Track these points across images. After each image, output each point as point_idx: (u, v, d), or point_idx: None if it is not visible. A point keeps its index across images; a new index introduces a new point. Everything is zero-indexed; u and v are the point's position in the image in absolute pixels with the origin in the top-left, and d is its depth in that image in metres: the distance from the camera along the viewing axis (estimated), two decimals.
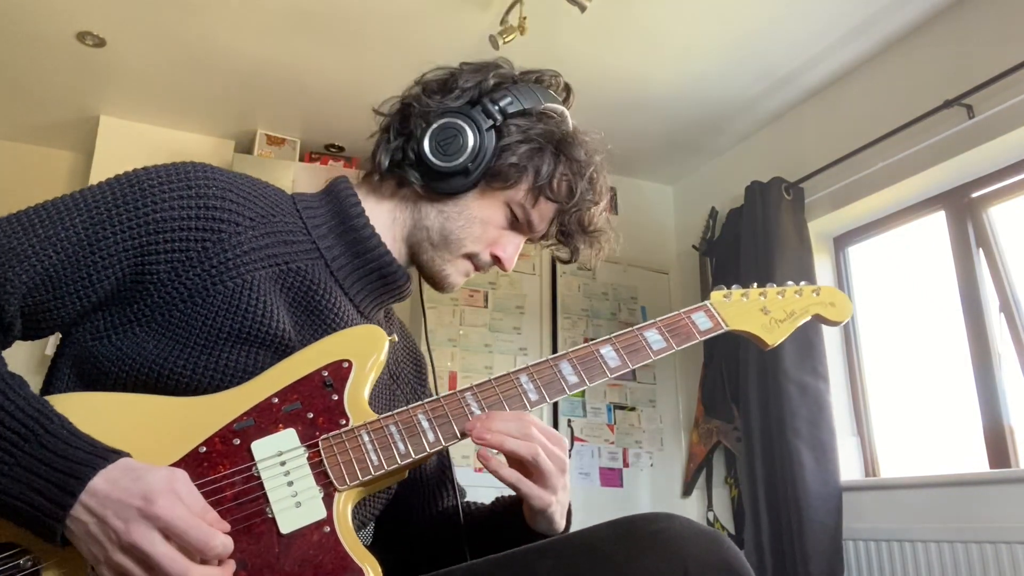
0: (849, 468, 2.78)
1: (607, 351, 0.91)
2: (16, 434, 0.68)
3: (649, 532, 0.70)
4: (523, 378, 0.87)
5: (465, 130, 0.94)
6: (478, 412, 0.85)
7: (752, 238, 3.09)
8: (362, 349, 0.85)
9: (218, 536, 0.68)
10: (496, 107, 0.95)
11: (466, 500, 1.09)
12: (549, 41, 2.79)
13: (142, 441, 0.73)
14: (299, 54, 2.95)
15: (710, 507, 3.33)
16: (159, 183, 0.83)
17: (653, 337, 0.93)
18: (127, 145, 3.40)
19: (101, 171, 3.32)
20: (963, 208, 2.67)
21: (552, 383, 0.88)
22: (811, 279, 2.92)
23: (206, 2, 2.66)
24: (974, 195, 2.64)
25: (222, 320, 0.82)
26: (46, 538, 0.68)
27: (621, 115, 3.31)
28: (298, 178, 3.42)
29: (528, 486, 0.85)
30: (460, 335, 3.35)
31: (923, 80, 2.66)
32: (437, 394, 0.89)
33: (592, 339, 0.95)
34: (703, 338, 0.96)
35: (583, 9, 2.47)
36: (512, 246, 1.00)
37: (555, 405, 3.42)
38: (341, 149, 3.67)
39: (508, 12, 2.56)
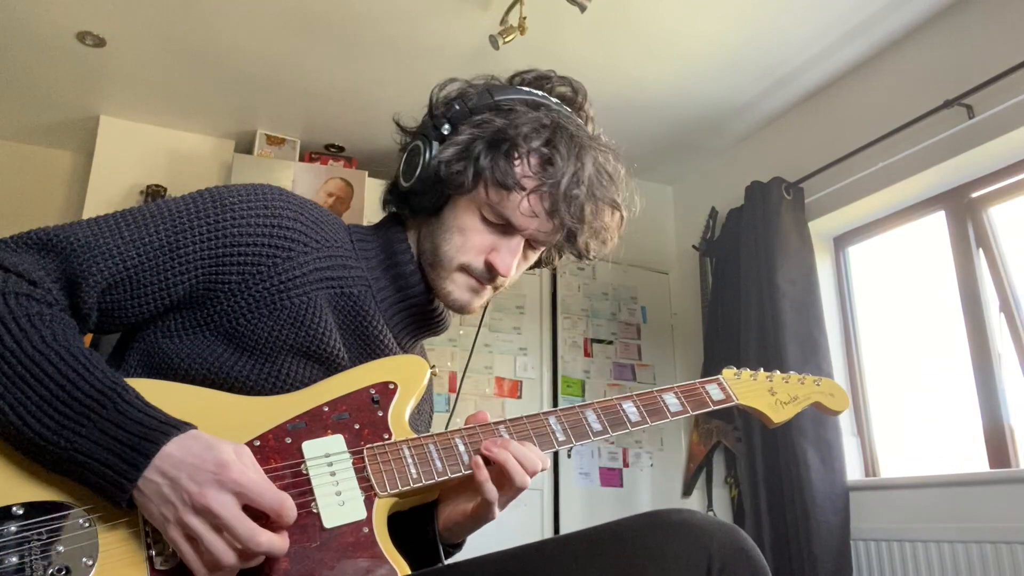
0: (850, 468, 2.77)
1: (628, 406, 1.00)
2: (95, 400, 0.72)
3: (675, 521, 0.76)
4: (552, 419, 0.95)
5: (420, 148, 0.98)
6: None
7: (752, 238, 3.09)
8: (407, 375, 0.92)
9: (289, 499, 0.73)
10: (445, 118, 0.97)
11: None
12: (549, 41, 2.79)
13: (201, 428, 0.77)
14: (299, 54, 2.96)
15: (710, 507, 3.33)
16: (239, 201, 0.89)
17: (671, 400, 1.03)
18: (127, 145, 3.40)
19: (101, 171, 3.32)
20: (963, 208, 2.67)
21: (577, 427, 0.96)
22: (812, 279, 2.93)
23: (206, 2, 2.66)
24: (974, 195, 2.64)
25: (285, 333, 0.88)
26: (114, 499, 0.71)
27: (621, 115, 3.30)
28: (298, 178, 3.41)
29: (499, 504, 0.89)
30: (460, 335, 3.34)
31: (923, 80, 2.67)
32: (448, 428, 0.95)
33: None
34: (715, 407, 1.07)
35: (583, 9, 2.47)
36: (507, 251, 0.95)
37: (556, 405, 3.42)
38: (341, 149, 3.67)
39: (508, 12, 2.57)
